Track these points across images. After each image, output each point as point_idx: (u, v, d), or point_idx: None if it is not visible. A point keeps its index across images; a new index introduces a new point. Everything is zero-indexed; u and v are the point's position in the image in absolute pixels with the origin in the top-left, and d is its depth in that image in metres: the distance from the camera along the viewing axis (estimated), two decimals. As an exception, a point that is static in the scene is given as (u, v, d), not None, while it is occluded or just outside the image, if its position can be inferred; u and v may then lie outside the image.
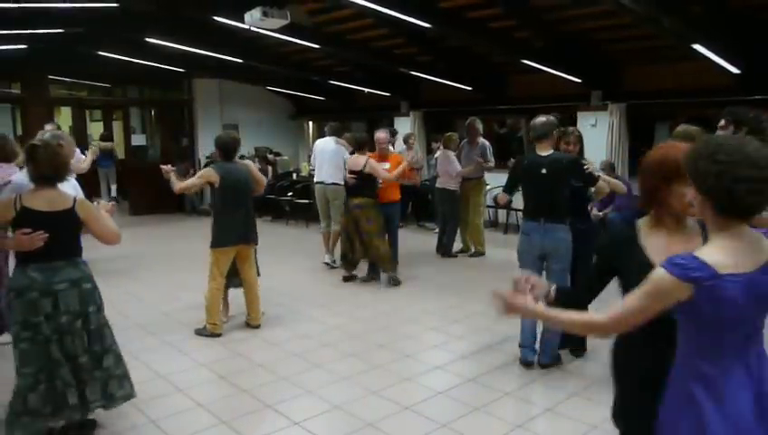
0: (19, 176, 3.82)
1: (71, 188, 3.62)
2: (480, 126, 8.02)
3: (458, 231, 8.13)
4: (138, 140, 13.18)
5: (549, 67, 8.05)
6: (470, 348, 4.77)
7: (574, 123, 8.93)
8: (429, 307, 5.86)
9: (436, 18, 6.93)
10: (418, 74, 9.83)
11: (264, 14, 5.61)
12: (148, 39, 8.88)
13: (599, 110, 8.75)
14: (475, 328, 5.19)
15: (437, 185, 8.15)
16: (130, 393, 3.42)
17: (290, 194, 11.08)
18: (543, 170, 4.15)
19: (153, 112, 14.50)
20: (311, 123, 14.86)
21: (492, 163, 7.93)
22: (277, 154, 13.18)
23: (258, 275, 5.36)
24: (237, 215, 4.99)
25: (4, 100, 12.69)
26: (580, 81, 8.36)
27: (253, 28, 6.27)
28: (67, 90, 13.95)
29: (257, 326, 5.24)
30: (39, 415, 3.08)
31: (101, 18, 8.00)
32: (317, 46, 8.81)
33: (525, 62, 8.02)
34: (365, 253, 6.62)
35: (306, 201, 10.44)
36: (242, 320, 5.35)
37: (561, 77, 8.31)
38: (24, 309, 3.05)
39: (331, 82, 11.70)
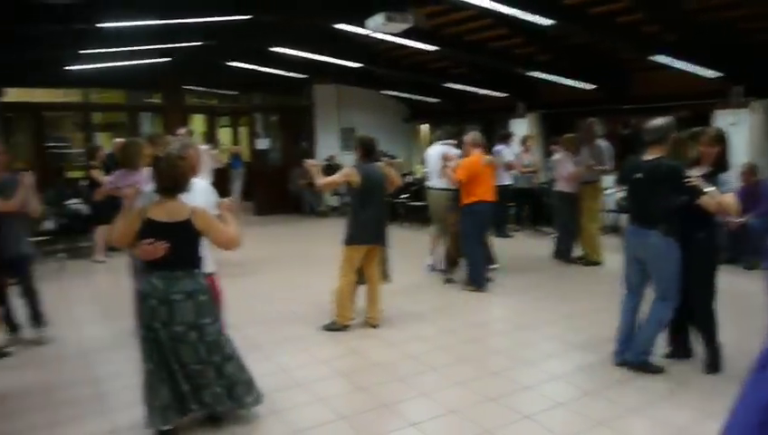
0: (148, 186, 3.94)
1: (203, 191, 3.69)
2: (597, 127, 7.62)
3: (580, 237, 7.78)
4: (262, 144, 13.91)
5: (683, 61, 7.49)
6: (589, 359, 4.54)
7: (706, 123, 8.26)
8: (544, 315, 5.66)
9: (559, 15, 6.70)
10: (537, 74, 9.55)
11: (388, 18, 5.70)
12: (273, 48, 9.35)
13: (739, 107, 8.02)
14: (593, 339, 4.93)
15: (555, 188, 7.87)
16: (258, 399, 3.52)
17: (404, 196, 11.19)
18: (639, 175, 4.10)
19: (276, 118, 15.25)
20: (424, 126, 14.92)
21: (607, 166, 7.47)
22: (392, 157, 13.34)
23: (390, 280, 5.49)
24: (373, 215, 5.13)
25: (147, 109, 13.91)
26: (716, 76, 7.71)
27: (374, 34, 6.39)
28: (198, 98, 15.03)
29: (375, 326, 5.32)
30: (167, 408, 3.24)
31: (233, 30, 8.51)
32: (434, 48, 8.83)
33: (654, 58, 7.52)
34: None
35: (420, 204, 10.48)
36: (360, 319, 5.46)
37: (691, 73, 7.73)
38: (146, 313, 3.22)
39: (446, 84, 11.67)
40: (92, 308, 6.32)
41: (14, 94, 11.27)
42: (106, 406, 3.86)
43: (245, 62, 11.44)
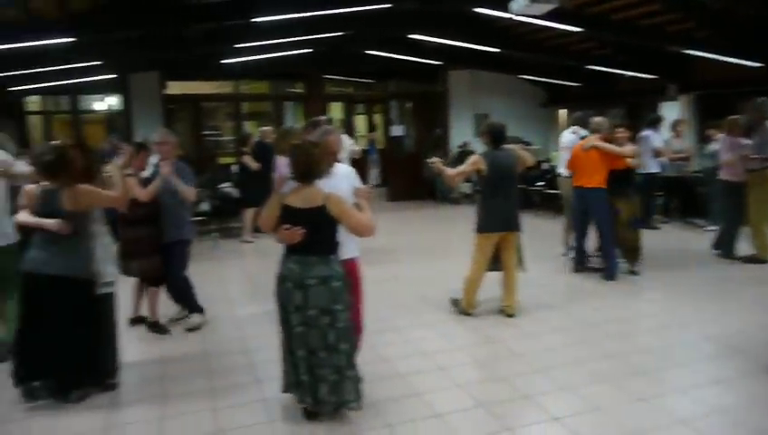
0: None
1: (345, 176, 3.69)
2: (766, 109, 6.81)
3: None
4: (396, 131, 14.13)
5: None
6: (749, 365, 4.13)
7: None
8: (696, 314, 5.22)
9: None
10: (693, 53, 8.77)
11: (532, 0, 5.52)
12: (410, 36, 9.44)
13: None
14: (755, 342, 4.47)
15: (720, 177, 7.19)
16: (357, 399, 3.37)
17: (539, 184, 10.85)
18: None
19: (410, 105, 15.41)
20: (562, 111, 14.33)
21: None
22: (527, 144, 12.98)
23: (524, 269, 5.41)
24: (503, 201, 5.07)
25: (290, 98, 14.67)
26: None
27: (516, 17, 6.23)
28: (337, 87, 15.57)
29: (511, 315, 5.24)
30: (295, 388, 3.39)
31: (373, 19, 8.70)
32: (578, 30, 8.42)
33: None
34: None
35: (556, 192, 10.11)
36: (496, 306, 5.40)
37: None
38: (281, 297, 3.31)
39: (589, 66, 11.10)
40: (243, 285, 6.83)
41: (174, 87, 12.39)
42: (257, 376, 4.17)
43: (382, 51, 11.67)
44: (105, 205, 3.89)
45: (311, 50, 11.10)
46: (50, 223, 3.64)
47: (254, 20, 7.00)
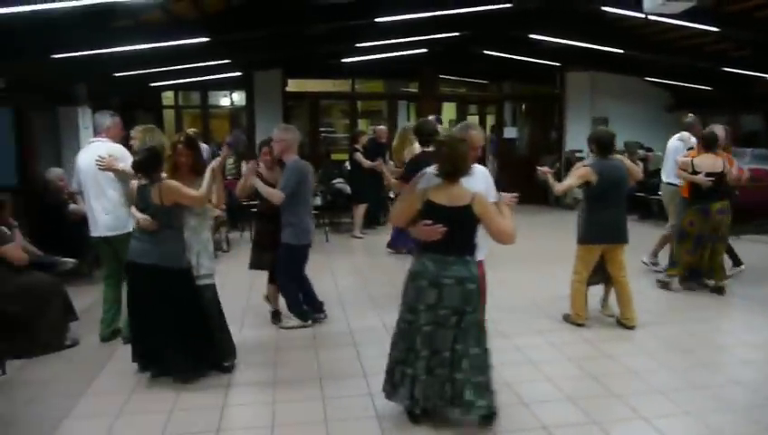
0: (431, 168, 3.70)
1: (483, 177, 3.64)
2: None
3: None
4: (509, 133, 13.86)
5: None
6: None
7: None
8: None
9: None
10: None
11: (668, -3, 5.20)
12: (531, 36, 9.22)
13: None
14: None
15: None
16: (490, 406, 3.29)
17: (660, 193, 10.21)
18: None
19: (523, 106, 15.05)
20: (690, 115, 13.37)
21: None
22: (649, 149, 12.27)
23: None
24: (609, 213, 4.88)
25: (403, 97, 14.82)
26: None
27: (650, 16, 5.91)
28: (450, 87, 15.52)
29: (632, 327, 5.02)
30: (398, 393, 3.33)
31: (492, 19, 8.60)
32: (714, 30, 7.83)
33: None
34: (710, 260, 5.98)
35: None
36: (609, 319, 5.18)
37: None
38: (413, 293, 3.23)
39: (724, 69, 10.28)
40: (352, 280, 6.99)
41: (293, 84, 12.92)
42: (365, 371, 4.25)
43: (498, 51, 11.50)
44: (188, 203, 4.03)
45: (426, 50, 11.15)
46: (138, 217, 3.95)
47: (377, 20, 7.15)
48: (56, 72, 7.25)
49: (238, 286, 6.12)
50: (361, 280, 6.88)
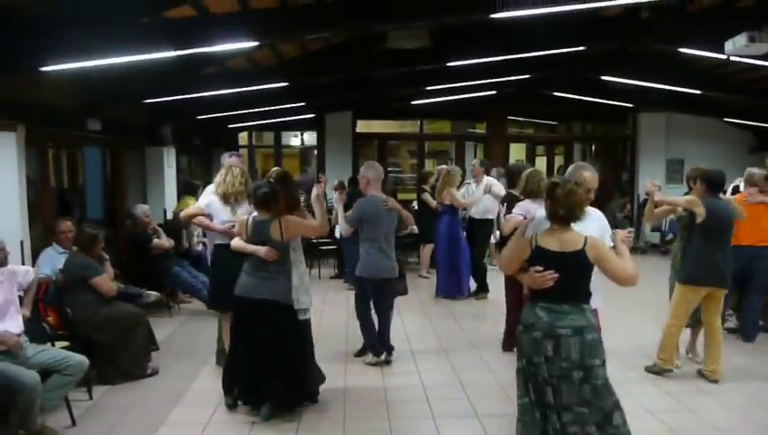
0: (540, 212, 3.45)
1: (597, 218, 3.39)
2: None
3: None
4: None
5: None
6: None
7: None
8: None
9: None
10: None
11: (751, 39, 5.08)
12: (603, 77, 9.15)
13: None
14: None
15: None
16: None
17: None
18: None
19: (593, 147, 14.82)
20: (774, 158, 12.79)
21: None
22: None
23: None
24: (718, 254, 4.66)
25: (471, 138, 14.91)
26: None
27: (732, 57, 5.77)
28: (518, 128, 15.50)
29: (715, 381, 4.73)
30: None
31: (563, 61, 8.60)
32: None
33: None
34: None
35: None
36: (692, 370, 4.93)
37: None
38: (528, 345, 3.01)
39: (810, 109, 9.84)
40: (419, 320, 6.96)
41: (362, 125, 13.26)
42: (434, 415, 4.22)
43: (567, 92, 11.43)
44: (309, 234, 4.23)
45: (495, 91, 11.24)
46: (262, 250, 4.05)
47: (448, 65, 7.30)
48: (147, 114, 7.77)
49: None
50: (428, 321, 6.86)
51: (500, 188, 7.75)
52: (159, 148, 8.31)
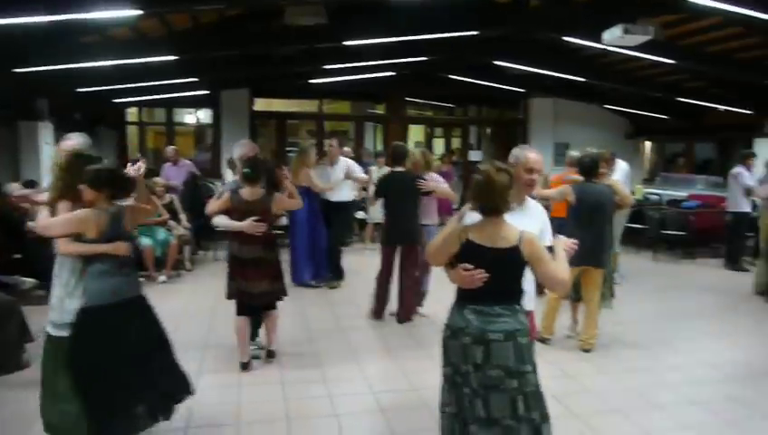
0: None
1: (537, 214, 3.11)
2: None
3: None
4: (474, 156, 14.11)
5: None
6: None
7: None
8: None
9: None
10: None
11: (626, 31, 5.44)
12: (495, 62, 9.46)
13: None
14: None
15: None
16: None
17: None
18: None
19: (488, 130, 15.37)
20: (648, 143, 13.90)
21: None
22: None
23: (609, 306, 5.36)
24: (587, 236, 4.92)
25: (370, 118, 14.97)
26: None
27: (608, 47, 6.15)
28: (417, 110, 15.75)
29: (587, 350, 5.13)
30: None
31: (458, 45, 8.80)
32: (670, 61, 8.19)
33: None
34: None
35: (639, 226, 9.80)
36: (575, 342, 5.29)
37: None
38: (456, 353, 2.70)
39: (678, 99, 10.73)
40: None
41: (260, 104, 12.92)
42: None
43: (464, 76, 11.74)
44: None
45: (394, 73, 11.32)
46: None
47: (345, 44, 7.25)
48: (18, 86, 7.12)
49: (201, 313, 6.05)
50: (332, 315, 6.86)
51: (359, 170, 7.74)
52: (34, 123, 7.67)
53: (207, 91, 11.56)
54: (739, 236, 8.72)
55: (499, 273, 2.62)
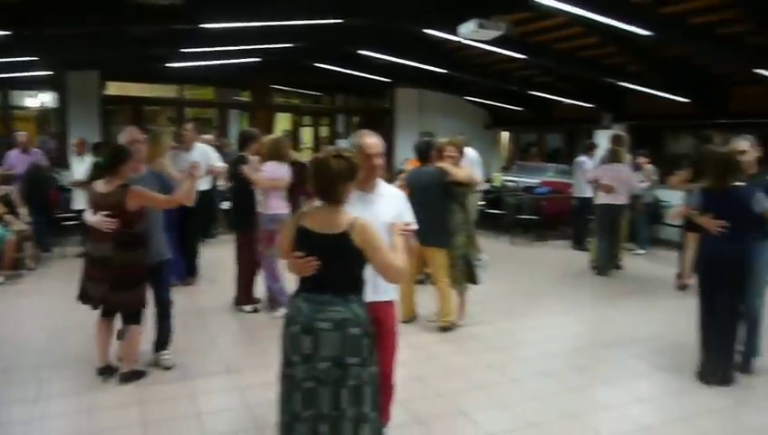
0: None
1: (392, 199, 3.09)
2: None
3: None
4: (343, 144, 14.14)
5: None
6: (679, 383, 4.36)
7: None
8: (630, 333, 5.47)
9: (656, 25, 6.46)
10: (627, 85, 9.25)
11: (480, 25, 5.70)
12: (360, 51, 9.52)
13: None
14: (680, 362, 4.71)
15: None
16: None
17: (481, 204, 11.09)
18: None
19: (356, 119, 15.49)
20: (505, 133, 14.77)
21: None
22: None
23: (461, 287, 5.54)
24: (424, 217, 5.08)
25: (235, 106, 14.48)
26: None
27: (465, 40, 6.41)
28: (284, 98, 15.49)
29: (444, 329, 5.35)
30: None
31: (323, 33, 8.73)
32: (521, 56, 8.72)
33: (759, 71, 7.13)
34: None
35: (498, 212, 10.40)
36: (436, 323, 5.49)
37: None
38: (287, 342, 2.62)
39: (531, 92, 11.49)
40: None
41: (114, 88, 11.99)
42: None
43: (331, 64, 11.70)
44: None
45: (259, 59, 11.01)
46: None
47: (202, 26, 6.90)
48: None
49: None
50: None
51: (216, 158, 7.48)
52: None
53: (50, 72, 10.52)
54: (583, 219, 9.53)
55: (331, 260, 2.57)
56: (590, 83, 10.35)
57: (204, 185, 7.45)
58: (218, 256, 7.50)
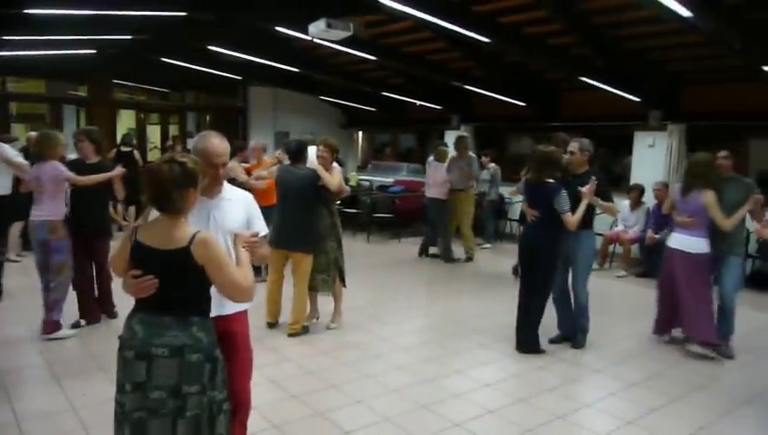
0: None
1: (241, 204, 2.80)
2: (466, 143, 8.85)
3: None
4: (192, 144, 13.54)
5: (608, 85, 7.93)
6: (520, 367, 4.71)
7: (629, 143, 8.85)
8: (478, 324, 5.81)
9: (495, 33, 6.93)
10: (472, 88, 9.82)
11: (329, 25, 5.72)
12: (209, 47, 9.15)
13: (657, 130, 8.55)
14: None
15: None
16: None
17: (338, 203, 11.16)
18: None
19: (208, 117, 14.91)
20: (360, 133, 15.03)
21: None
22: (341, 163, 13.31)
23: (344, 286, 5.59)
24: (285, 219, 5.08)
25: (71, 101, 13.26)
26: (638, 100, 8.19)
27: (315, 39, 6.39)
28: (128, 94, 14.49)
29: (291, 335, 5.23)
30: None
31: (167, 26, 8.27)
32: (373, 58, 8.91)
33: (583, 79, 7.92)
34: None
35: (354, 211, 10.54)
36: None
37: (617, 96, 8.17)
38: (119, 368, 2.36)
39: (383, 93, 11.78)
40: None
41: None
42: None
43: (178, 60, 11.12)
44: None
45: (94, 51, 10.15)
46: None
47: (27, 11, 6.21)
48: None
49: None
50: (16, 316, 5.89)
51: (14, 155, 6.58)
52: None
53: None
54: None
55: (169, 279, 2.30)
56: (439, 86, 10.84)
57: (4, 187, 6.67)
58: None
